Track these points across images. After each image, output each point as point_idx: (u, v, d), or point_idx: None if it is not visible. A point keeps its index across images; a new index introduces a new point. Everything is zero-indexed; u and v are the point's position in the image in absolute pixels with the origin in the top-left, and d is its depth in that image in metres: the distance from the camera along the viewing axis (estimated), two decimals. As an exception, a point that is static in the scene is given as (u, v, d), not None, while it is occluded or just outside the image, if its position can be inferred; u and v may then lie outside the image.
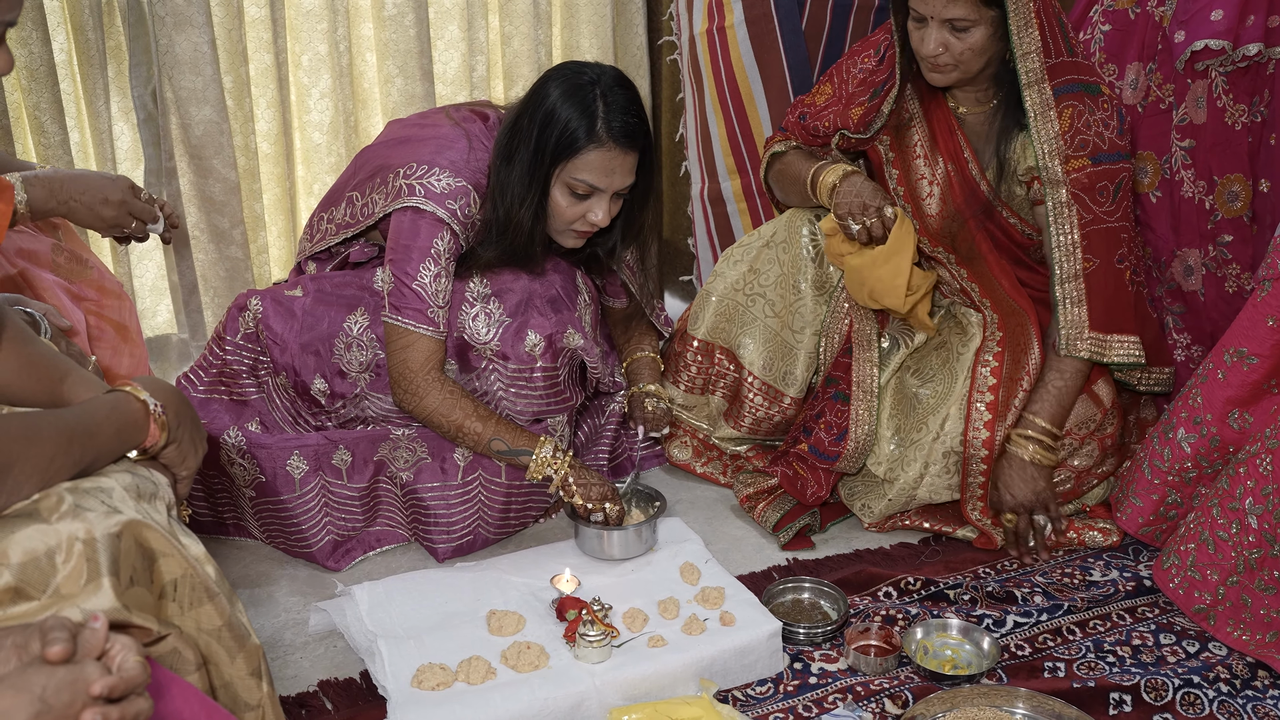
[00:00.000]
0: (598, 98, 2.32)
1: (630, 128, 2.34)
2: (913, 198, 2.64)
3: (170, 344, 3.35)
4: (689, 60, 3.32)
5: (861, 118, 2.62)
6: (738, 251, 2.78)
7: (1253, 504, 2.10)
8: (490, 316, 2.42)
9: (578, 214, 2.39)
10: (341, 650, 2.19)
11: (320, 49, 3.24)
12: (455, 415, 2.38)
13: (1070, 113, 2.44)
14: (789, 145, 2.80)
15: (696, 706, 1.95)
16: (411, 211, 2.38)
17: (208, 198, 3.17)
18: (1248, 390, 2.24)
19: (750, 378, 2.74)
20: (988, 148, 2.57)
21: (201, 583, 1.45)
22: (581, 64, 2.41)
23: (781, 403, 2.73)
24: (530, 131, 2.35)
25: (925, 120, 2.62)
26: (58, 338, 1.92)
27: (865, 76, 2.66)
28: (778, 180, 2.81)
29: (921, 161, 2.63)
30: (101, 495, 1.39)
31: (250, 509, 2.48)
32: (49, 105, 2.91)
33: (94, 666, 1.11)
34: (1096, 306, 2.46)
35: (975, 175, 2.58)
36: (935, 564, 2.47)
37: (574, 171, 2.34)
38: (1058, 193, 2.45)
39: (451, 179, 2.39)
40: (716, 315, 2.77)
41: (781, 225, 2.73)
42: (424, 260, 2.36)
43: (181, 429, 1.60)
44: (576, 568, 2.29)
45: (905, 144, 2.65)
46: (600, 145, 2.32)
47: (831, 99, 2.71)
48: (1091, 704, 2.01)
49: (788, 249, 2.70)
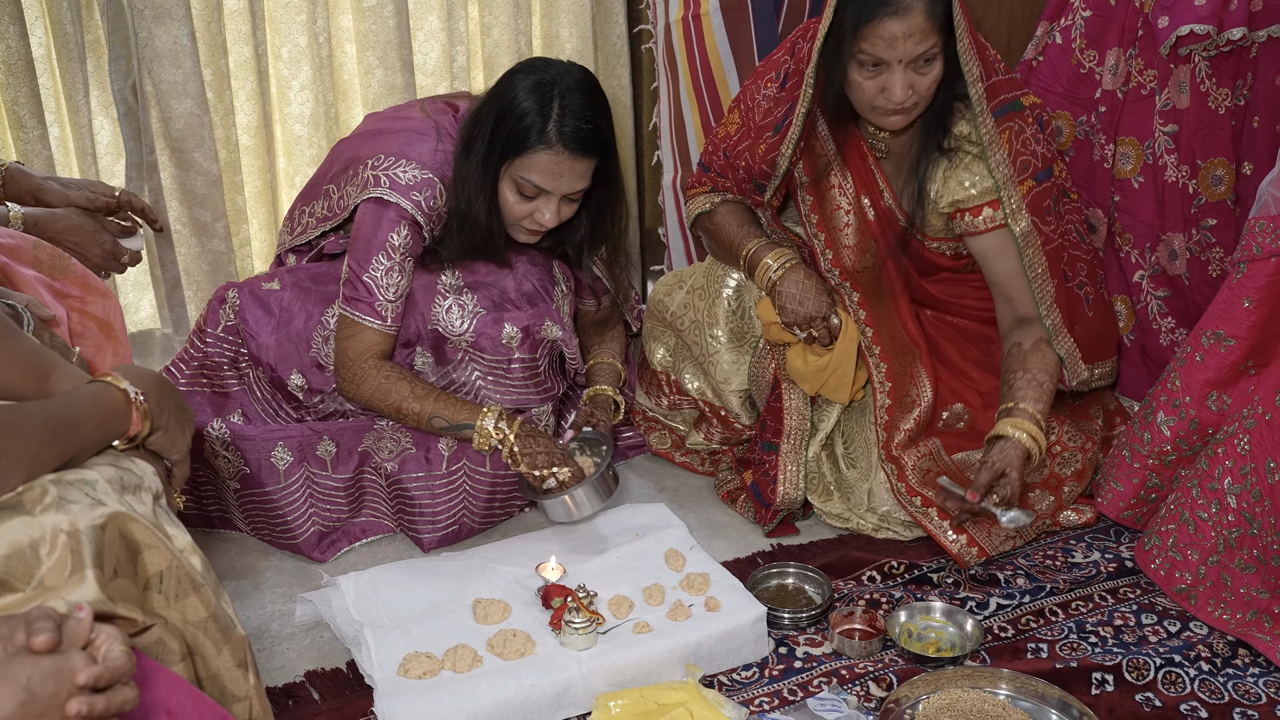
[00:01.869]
0: (555, 98, 2.30)
1: (583, 134, 2.31)
2: (828, 228, 2.57)
3: (154, 339, 3.34)
4: (664, 48, 3.32)
5: (765, 154, 2.51)
6: (661, 289, 2.80)
7: (1231, 484, 2.12)
8: (464, 309, 2.42)
9: (525, 212, 2.38)
10: (328, 641, 2.20)
11: (300, 41, 3.23)
12: (392, 398, 2.37)
13: (1008, 135, 2.36)
14: (720, 198, 2.68)
15: (682, 691, 1.96)
16: (375, 203, 2.38)
17: (189, 191, 3.15)
18: (1225, 372, 2.25)
19: (705, 405, 2.77)
20: (903, 175, 2.48)
21: (186, 574, 1.45)
22: (550, 61, 2.39)
23: (741, 422, 2.75)
24: (487, 124, 2.34)
25: (839, 151, 2.53)
26: (40, 329, 1.91)
27: (769, 106, 2.54)
28: (708, 237, 2.73)
29: (837, 192, 2.56)
30: (85, 487, 1.39)
31: (235, 501, 2.49)
32: (27, 100, 2.89)
33: (79, 656, 1.11)
34: (1075, 330, 2.46)
35: (890, 205, 2.53)
36: (918, 548, 2.48)
37: (521, 170, 2.32)
38: (1020, 221, 2.38)
39: (417, 171, 2.39)
40: (663, 349, 2.83)
41: (701, 272, 2.72)
42: (378, 253, 2.36)
43: (165, 414, 1.60)
44: (561, 556, 2.30)
45: (818, 175, 2.56)
46: (549, 147, 2.30)
47: (741, 129, 2.61)
48: (1074, 684, 2.02)
49: (705, 296, 2.69)
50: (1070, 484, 2.54)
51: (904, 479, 2.46)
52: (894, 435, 2.50)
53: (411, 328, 2.44)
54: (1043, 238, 2.41)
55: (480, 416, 2.35)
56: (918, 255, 2.57)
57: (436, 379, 2.47)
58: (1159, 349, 2.79)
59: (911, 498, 2.44)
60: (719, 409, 2.75)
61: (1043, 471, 2.52)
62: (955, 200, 2.43)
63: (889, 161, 2.52)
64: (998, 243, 2.43)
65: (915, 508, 2.43)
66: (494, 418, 2.35)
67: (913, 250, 2.55)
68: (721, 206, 2.67)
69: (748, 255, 2.56)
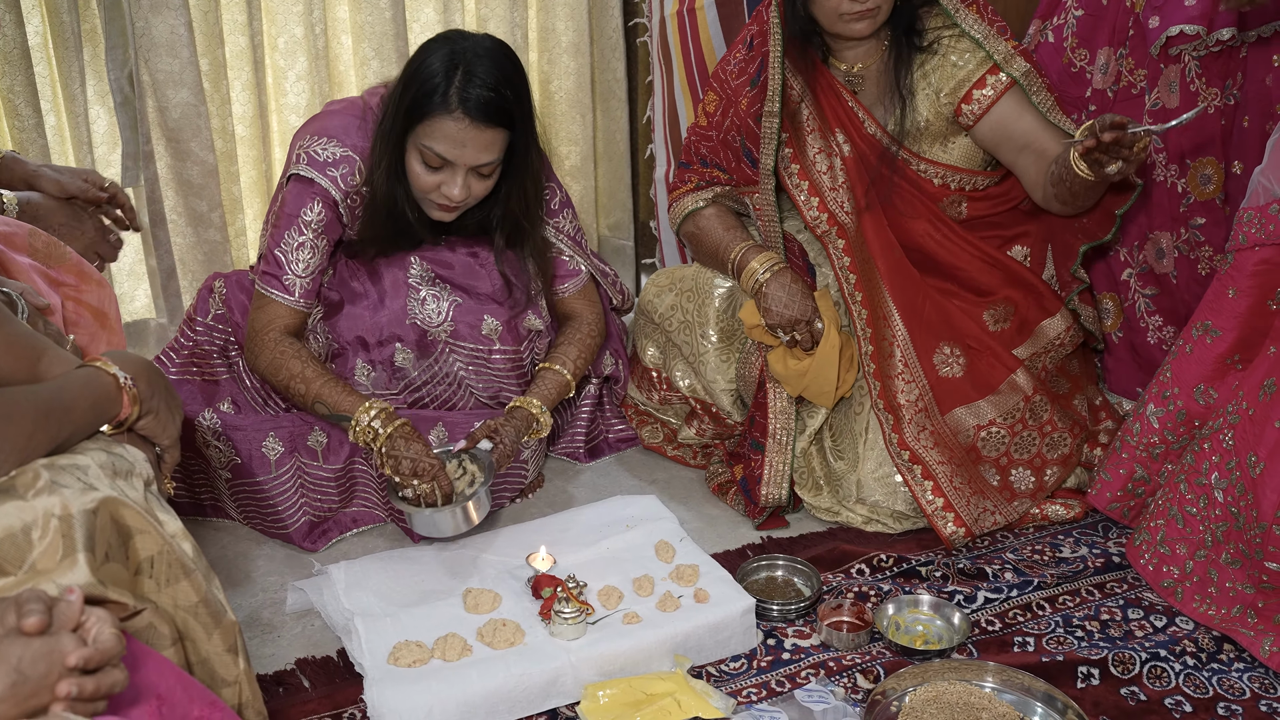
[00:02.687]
0: (460, 65, 2.26)
1: (486, 102, 2.26)
2: (810, 176, 2.60)
3: (148, 328, 3.34)
4: (659, 42, 3.33)
5: (748, 109, 2.59)
6: (651, 289, 2.81)
7: (1218, 479, 2.13)
8: (439, 299, 2.43)
9: (432, 184, 2.34)
10: (319, 629, 2.20)
11: (296, 31, 3.24)
12: (282, 374, 2.36)
13: (975, 7, 2.52)
14: (701, 201, 2.71)
15: (671, 682, 1.97)
16: (295, 180, 2.39)
17: (185, 181, 3.16)
18: (1212, 365, 2.27)
19: (696, 402, 2.79)
20: (885, 92, 2.57)
21: (177, 559, 1.46)
22: (465, 33, 2.37)
23: (733, 419, 2.76)
24: (397, 91, 2.33)
25: (810, 91, 2.60)
26: (35, 317, 1.91)
27: (741, 66, 2.65)
28: (692, 242, 2.74)
29: (815, 135, 2.61)
30: (78, 472, 1.40)
31: (227, 490, 2.49)
32: (23, 89, 2.89)
33: (70, 638, 1.12)
34: None
35: (873, 131, 2.58)
36: (907, 541, 2.49)
37: (424, 137, 2.29)
38: (1016, 63, 2.51)
39: (336, 147, 2.39)
40: (654, 347, 2.84)
41: (690, 275, 2.74)
42: (290, 227, 2.37)
43: (155, 398, 1.61)
44: (552, 546, 2.30)
45: (796, 123, 2.62)
46: (449, 113, 2.26)
47: (720, 104, 2.68)
48: (1060, 677, 2.03)
49: (695, 297, 2.70)
50: (1053, 468, 2.54)
51: (899, 429, 2.48)
52: (888, 385, 2.51)
53: (387, 328, 2.45)
54: (1047, 80, 2.54)
55: (360, 410, 2.29)
56: (905, 175, 2.59)
57: (419, 372, 2.48)
58: (1147, 347, 2.80)
59: (901, 450, 2.46)
60: (710, 406, 2.76)
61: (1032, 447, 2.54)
62: (956, 83, 2.53)
63: (866, 92, 2.59)
64: (1013, 104, 2.54)
65: (903, 462, 2.45)
66: (372, 415, 2.28)
67: (899, 170, 2.59)
68: (707, 210, 2.69)
69: (735, 258, 2.58)
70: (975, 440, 2.51)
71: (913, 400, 2.50)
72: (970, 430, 2.51)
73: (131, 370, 1.58)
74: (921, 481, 2.44)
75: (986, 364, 2.54)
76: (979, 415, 2.51)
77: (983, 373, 2.54)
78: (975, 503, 2.44)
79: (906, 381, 2.51)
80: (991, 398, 2.52)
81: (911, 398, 2.50)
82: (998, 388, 2.52)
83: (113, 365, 1.56)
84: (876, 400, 2.50)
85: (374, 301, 2.47)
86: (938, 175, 2.61)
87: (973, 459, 2.50)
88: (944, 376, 2.54)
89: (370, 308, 2.47)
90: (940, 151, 2.62)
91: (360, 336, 2.46)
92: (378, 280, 2.49)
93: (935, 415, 2.51)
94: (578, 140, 3.69)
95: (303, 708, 1.98)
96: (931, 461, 2.45)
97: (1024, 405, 2.52)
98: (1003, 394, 2.52)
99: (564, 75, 3.61)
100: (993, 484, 2.50)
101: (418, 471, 2.23)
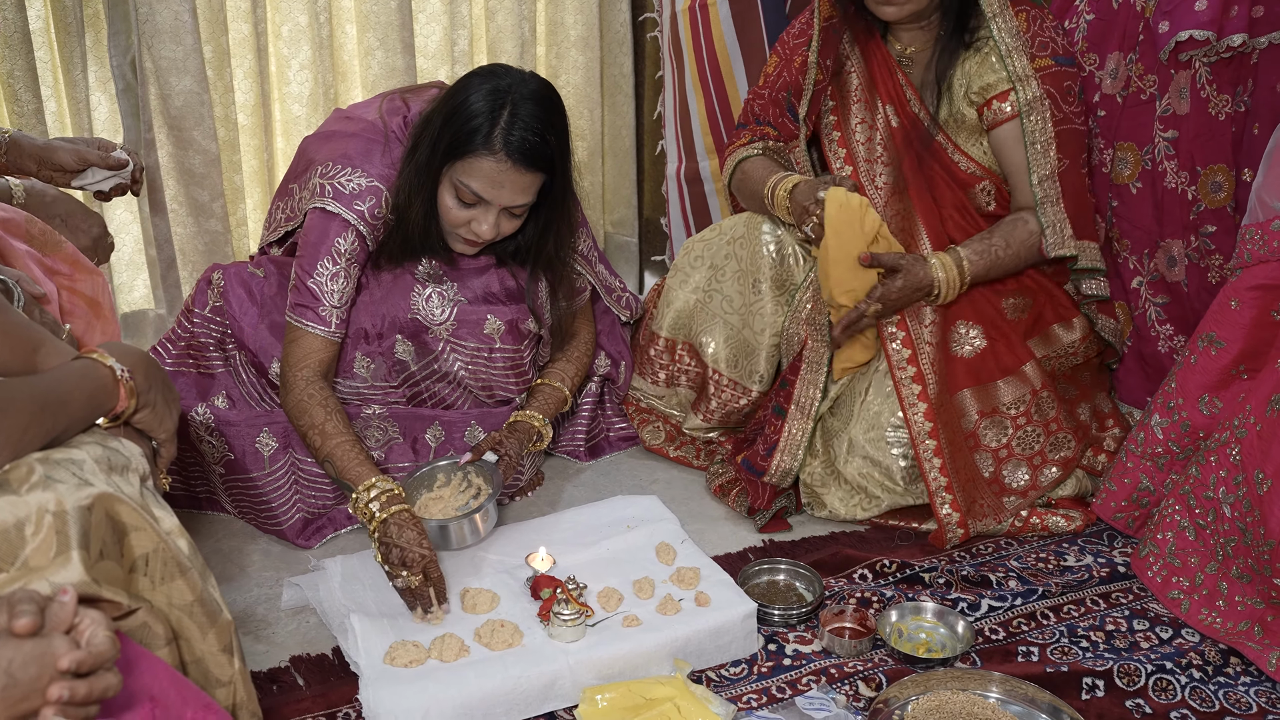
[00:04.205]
0: (506, 105, 2.25)
1: (529, 146, 2.25)
2: (849, 144, 2.66)
3: (147, 319, 3.32)
4: (670, 37, 3.31)
5: (800, 65, 2.66)
6: (698, 246, 2.77)
7: (1225, 493, 2.12)
8: (444, 297, 2.41)
9: (462, 220, 2.33)
10: (314, 626, 2.18)
11: (300, 20, 3.21)
12: (303, 421, 2.30)
13: (1025, 16, 2.53)
14: (751, 151, 2.74)
15: (670, 686, 1.95)
16: (320, 213, 2.36)
17: (187, 170, 3.13)
18: (1217, 375, 2.25)
19: (715, 374, 2.74)
20: (929, 77, 2.60)
21: (173, 557, 1.44)
22: (509, 69, 2.34)
23: (750, 394, 2.73)
24: (436, 123, 2.30)
25: (864, 62, 2.66)
26: (30, 305, 1.90)
27: (801, 29, 2.72)
28: (740, 191, 2.78)
29: (861, 106, 2.66)
30: (73, 467, 1.38)
31: (221, 485, 2.47)
32: (23, 73, 2.86)
33: (62, 640, 1.10)
34: (1070, 207, 2.53)
35: (916, 110, 2.62)
36: (910, 547, 2.47)
37: (462, 174, 2.28)
38: (1028, 88, 2.50)
39: (362, 179, 2.36)
40: (678, 313, 2.79)
41: (741, 222, 2.73)
42: (324, 258, 2.34)
43: (152, 391, 1.59)
44: (552, 547, 2.28)
45: (844, 91, 2.68)
46: (492, 154, 2.24)
47: (779, 64, 2.75)
48: (1064, 688, 2.01)
49: (746, 245, 2.69)
50: (1051, 469, 2.54)
51: (925, 397, 2.47)
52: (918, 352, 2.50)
53: (388, 318, 2.43)
54: (1060, 115, 2.52)
55: (363, 487, 2.16)
56: (939, 158, 2.62)
57: (418, 369, 2.46)
58: (1157, 356, 2.78)
59: (926, 421, 2.46)
60: (732, 380, 2.72)
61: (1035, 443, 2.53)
62: (984, 85, 2.54)
63: (914, 70, 2.64)
64: (1013, 134, 2.56)
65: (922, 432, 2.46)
66: (371, 495, 2.15)
67: (934, 152, 2.61)
68: (754, 157, 2.74)
69: (770, 190, 2.61)
70: (977, 428, 2.51)
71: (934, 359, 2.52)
72: (974, 417, 2.51)
73: (129, 363, 1.56)
74: (932, 459, 2.45)
75: (1001, 349, 2.55)
76: (985, 400, 2.52)
77: (996, 356, 2.55)
78: (969, 490, 2.46)
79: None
80: (1000, 383, 2.53)
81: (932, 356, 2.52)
82: (1009, 374, 2.53)
83: (110, 357, 1.54)
84: (906, 366, 2.50)
85: (377, 293, 2.45)
86: (968, 165, 2.63)
87: (970, 445, 2.51)
88: (955, 355, 2.54)
89: (373, 299, 2.44)
90: (973, 146, 2.64)
91: (361, 328, 2.43)
92: (380, 273, 2.46)
93: (944, 394, 2.51)
94: (585, 136, 3.67)
95: (296, 706, 1.96)
96: (942, 441, 2.46)
97: (1030, 399, 2.52)
98: (1011, 382, 2.53)
99: (572, 70, 3.59)
100: (984, 475, 2.50)
101: (406, 562, 2.08)
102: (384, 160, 2.39)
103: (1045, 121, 2.52)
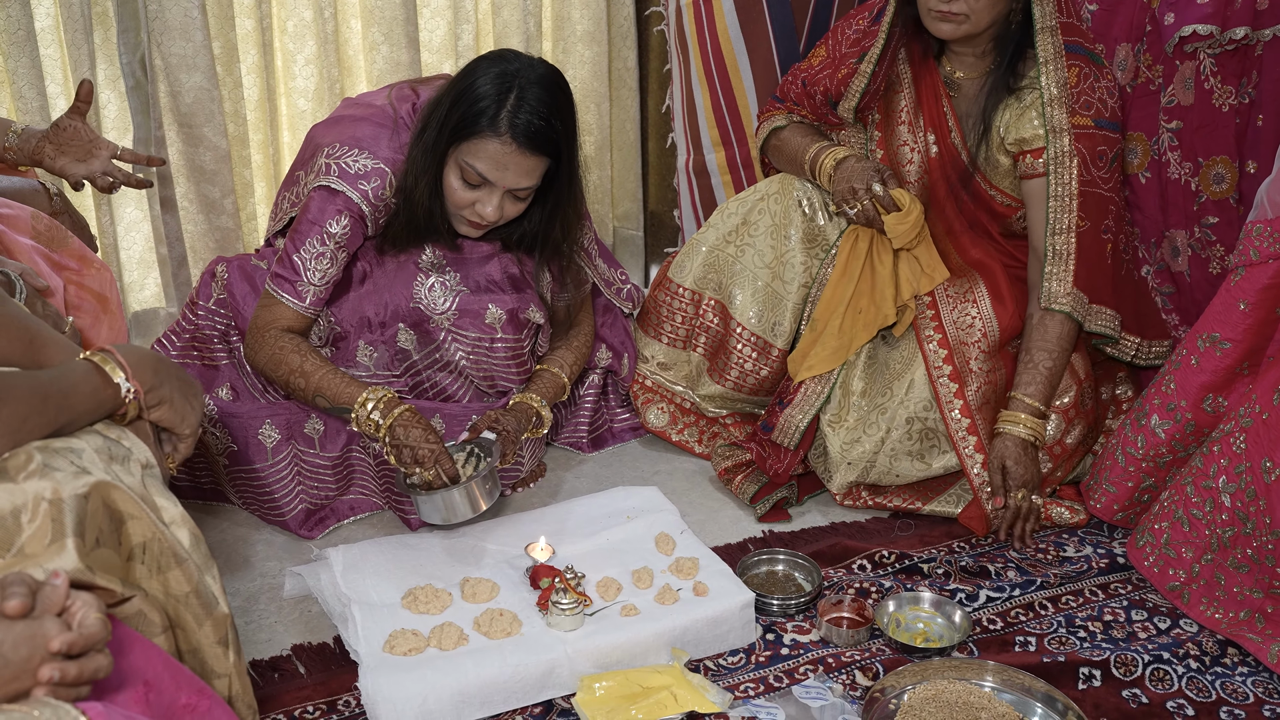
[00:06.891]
0: (513, 89, 2.27)
1: (535, 129, 2.27)
2: (893, 164, 2.67)
3: (158, 318, 3.33)
4: (675, 31, 3.31)
5: (844, 78, 2.65)
6: (732, 204, 2.77)
7: (1226, 482, 2.11)
8: (446, 286, 2.43)
9: (466, 201, 2.35)
10: (316, 615, 2.20)
11: (305, 15, 3.22)
12: (282, 369, 2.34)
13: (1077, 72, 2.48)
14: (789, 119, 2.80)
15: (668, 675, 1.96)
16: (324, 190, 2.38)
17: (198, 167, 3.15)
18: (1221, 375, 2.25)
19: (739, 329, 2.71)
20: (974, 113, 2.58)
21: (170, 547, 1.45)
22: (518, 54, 2.37)
23: (770, 354, 2.69)
24: (444, 105, 2.32)
25: (913, 85, 2.65)
26: (34, 299, 1.91)
27: (858, 38, 2.68)
28: (776, 155, 2.82)
29: (905, 129, 2.66)
30: (71, 455, 1.39)
31: (225, 476, 2.49)
32: (28, 71, 2.87)
33: (53, 622, 1.11)
34: (1082, 267, 2.49)
35: (956, 144, 2.61)
36: (909, 538, 2.48)
37: (468, 155, 2.30)
38: (1060, 140, 2.47)
39: (368, 160, 2.38)
40: (706, 265, 2.76)
41: (776, 180, 2.75)
42: (313, 236, 2.36)
43: (165, 387, 1.57)
44: (551, 536, 2.29)
45: (891, 109, 2.67)
46: (498, 135, 2.26)
47: (825, 61, 2.73)
48: (1061, 678, 2.02)
49: (780, 200, 2.71)
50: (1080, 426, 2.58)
51: (962, 394, 2.51)
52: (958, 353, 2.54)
53: (391, 307, 2.44)
54: (1088, 177, 2.48)
55: (360, 402, 2.28)
56: (975, 195, 2.63)
57: (421, 358, 2.47)
58: (1171, 339, 2.77)
59: (963, 418, 2.50)
60: (756, 336, 2.70)
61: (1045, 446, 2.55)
62: (1021, 138, 2.53)
63: (960, 100, 2.62)
64: (1041, 191, 2.53)
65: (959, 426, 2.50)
66: (369, 407, 2.27)
67: (972, 189, 2.62)
68: (792, 125, 2.78)
69: (812, 160, 2.64)
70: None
71: (975, 340, 2.55)
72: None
73: (135, 361, 1.55)
74: (967, 436, 2.50)
75: None
76: None
77: None
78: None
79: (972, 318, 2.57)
80: None
81: (974, 338, 2.55)
82: None
83: (110, 362, 1.52)
84: (942, 366, 2.53)
85: (380, 282, 2.46)
86: (1004, 200, 2.64)
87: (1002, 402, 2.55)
88: None
89: (376, 288, 2.46)
90: (1009, 185, 2.63)
91: (364, 316, 2.45)
92: (384, 260, 2.48)
93: (995, 351, 2.55)
94: (592, 130, 3.68)
95: (297, 694, 1.98)
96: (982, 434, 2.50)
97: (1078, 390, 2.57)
98: None
99: (579, 64, 3.60)
100: None
101: (418, 459, 2.22)
102: (391, 145, 2.41)
103: (1072, 178, 2.47)
